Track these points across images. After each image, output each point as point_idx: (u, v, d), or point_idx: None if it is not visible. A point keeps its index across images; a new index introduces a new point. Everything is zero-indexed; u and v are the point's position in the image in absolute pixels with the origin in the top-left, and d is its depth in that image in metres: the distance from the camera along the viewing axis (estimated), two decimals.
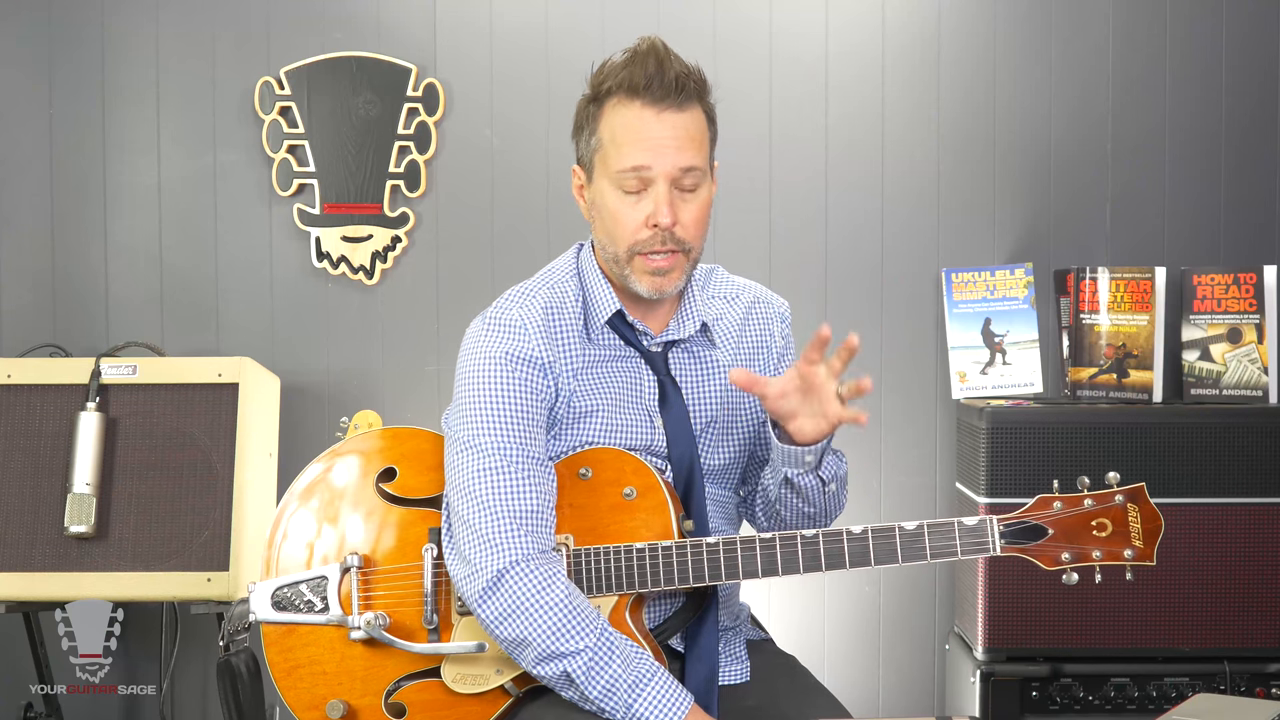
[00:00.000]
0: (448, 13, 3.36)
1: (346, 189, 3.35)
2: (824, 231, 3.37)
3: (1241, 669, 2.87)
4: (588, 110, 1.99)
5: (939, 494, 3.34)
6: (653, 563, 1.91)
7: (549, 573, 1.87)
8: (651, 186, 1.93)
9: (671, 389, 2.03)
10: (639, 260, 1.95)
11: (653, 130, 1.92)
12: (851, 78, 3.36)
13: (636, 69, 1.93)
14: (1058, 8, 3.35)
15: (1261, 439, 2.90)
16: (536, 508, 1.90)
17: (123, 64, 3.37)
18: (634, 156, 1.92)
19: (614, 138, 1.94)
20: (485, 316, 2.01)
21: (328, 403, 3.33)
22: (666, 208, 1.93)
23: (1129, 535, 1.90)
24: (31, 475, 2.97)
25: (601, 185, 1.97)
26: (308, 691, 1.99)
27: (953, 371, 3.29)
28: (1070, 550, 1.90)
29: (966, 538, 1.90)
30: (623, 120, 1.94)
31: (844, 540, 1.90)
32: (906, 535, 1.89)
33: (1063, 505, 1.91)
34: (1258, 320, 3.06)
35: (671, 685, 1.85)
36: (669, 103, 1.92)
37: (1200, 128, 3.34)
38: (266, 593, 2.02)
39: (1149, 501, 1.91)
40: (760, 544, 1.91)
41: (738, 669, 2.08)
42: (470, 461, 1.92)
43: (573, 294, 2.02)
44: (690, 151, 1.94)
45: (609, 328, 2.02)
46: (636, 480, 1.95)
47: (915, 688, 3.37)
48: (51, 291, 3.39)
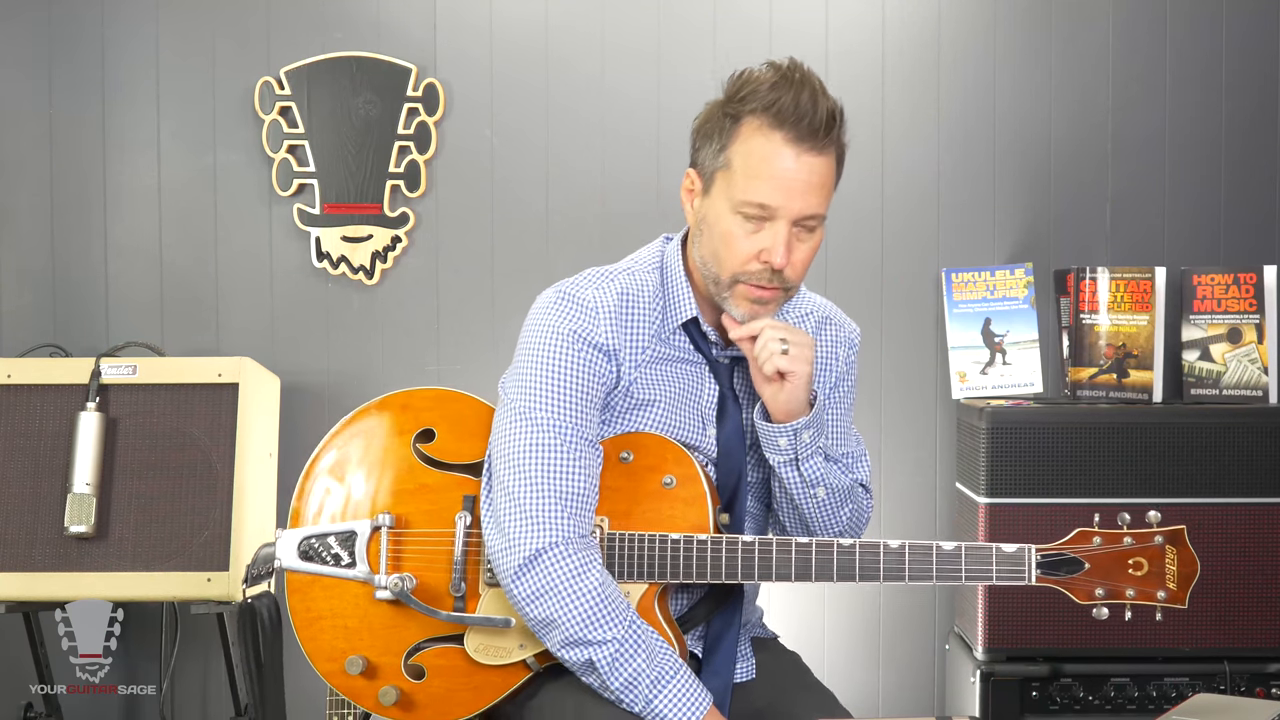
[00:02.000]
0: (448, 13, 3.36)
1: (346, 189, 3.35)
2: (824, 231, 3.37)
3: (1241, 669, 2.87)
4: (722, 122, 1.91)
5: (939, 494, 3.34)
6: (686, 554, 1.90)
7: (586, 558, 1.86)
8: (771, 223, 1.89)
9: (731, 402, 2.02)
10: (741, 288, 1.92)
11: (789, 171, 1.86)
12: (851, 78, 3.36)
13: (787, 97, 1.86)
14: (1058, 8, 3.35)
15: (1261, 439, 2.90)
16: (582, 490, 1.89)
17: (123, 64, 3.37)
18: (763, 194, 1.87)
19: (746, 166, 1.88)
20: (560, 289, 1.98)
21: (328, 403, 3.33)
22: (784, 251, 1.89)
23: (1164, 577, 1.89)
24: (31, 475, 2.97)
25: (720, 205, 1.91)
26: (328, 644, 1.98)
27: (953, 371, 3.29)
28: (1104, 586, 1.90)
29: (1003, 564, 1.89)
30: (760, 151, 1.87)
31: (880, 554, 1.89)
32: (943, 555, 1.89)
33: (1102, 541, 1.90)
34: (1258, 320, 3.06)
35: (692, 684, 1.85)
36: (811, 144, 1.87)
37: (1200, 128, 3.34)
38: (294, 541, 1.99)
39: (1188, 545, 1.90)
40: (796, 548, 1.90)
41: (744, 666, 2.08)
42: (523, 433, 1.90)
43: (652, 287, 1.99)
44: (817, 199, 1.89)
45: (682, 330, 2.01)
46: (677, 469, 1.94)
47: (915, 688, 3.37)
48: (51, 291, 3.39)
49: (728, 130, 1.90)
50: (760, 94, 1.87)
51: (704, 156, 1.93)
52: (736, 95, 1.90)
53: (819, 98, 1.87)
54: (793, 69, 1.90)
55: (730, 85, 1.93)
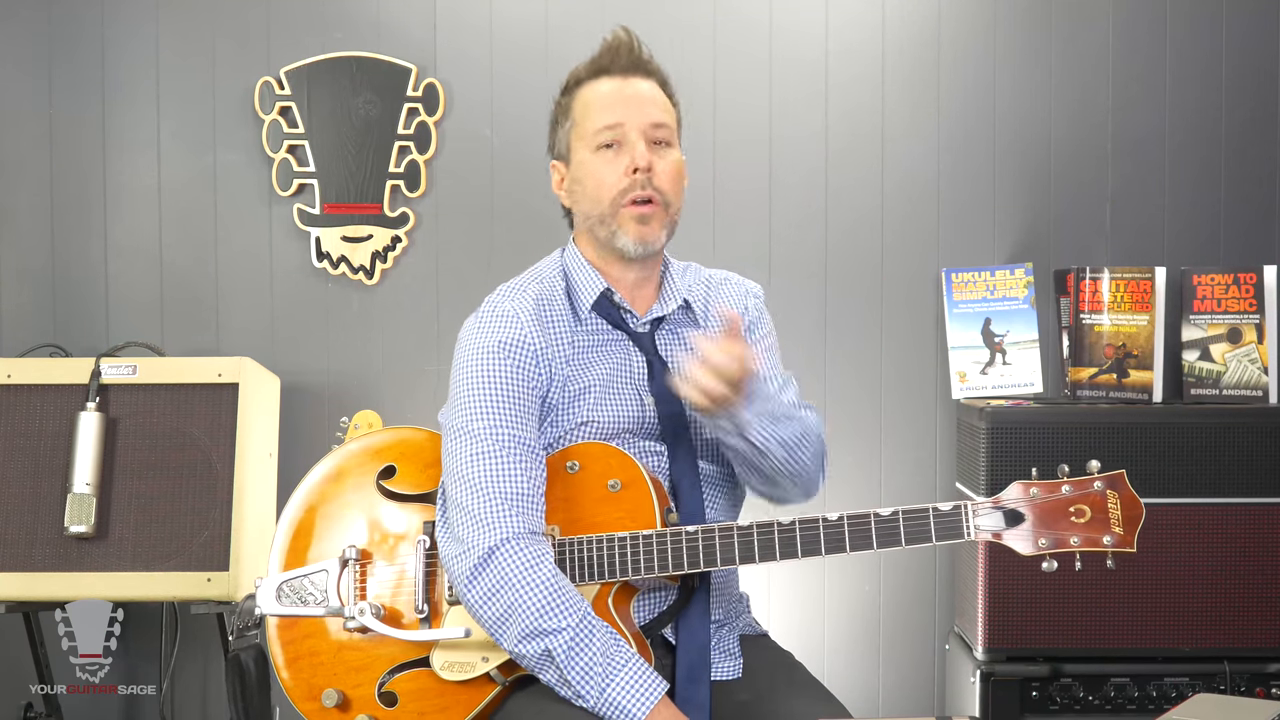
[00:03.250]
0: (448, 13, 3.36)
1: (346, 189, 3.35)
2: (824, 231, 3.37)
3: (1241, 669, 2.87)
4: (560, 105, 2.13)
5: (939, 494, 3.34)
6: (634, 551, 1.95)
7: (538, 552, 1.92)
8: (625, 143, 2.04)
9: (660, 368, 2.07)
10: (624, 212, 2.04)
11: (619, 92, 2.07)
12: (851, 78, 3.36)
13: (602, 55, 2.10)
14: (1058, 8, 3.35)
15: (1261, 439, 2.90)
16: (527, 491, 1.96)
17: (123, 64, 3.37)
18: (607, 116, 2.05)
19: (586, 110, 2.07)
20: (478, 313, 2.10)
21: (328, 403, 3.33)
22: (644, 153, 2.03)
23: (1108, 522, 1.88)
24: (31, 475, 2.97)
25: (580, 156, 2.07)
26: (306, 682, 2.04)
27: (953, 371, 3.29)
28: (1047, 536, 1.89)
29: (941, 523, 1.90)
30: (594, 93, 2.08)
31: (820, 527, 1.92)
32: (881, 521, 1.91)
33: (1040, 491, 1.90)
34: (1258, 320, 3.06)
35: (646, 671, 1.88)
36: (635, 73, 2.09)
37: (1200, 128, 3.34)
38: (272, 587, 2.07)
39: (1129, 488, 1.89)
40: (738, 532, 1.94)
41: (731, 665, 2.08)
42: (464, 447, 1.97)
43: (560, 286, 2.11)
44: (658, 110, 2.08)
45: (596, 313, 2.08)
46: (621, 473, 1.99)
47: (915, 688, 3.37)
48: (51, 291, 3.39)
49: (566, 106, 2.11)
50: (582, 67, 2.12)
51: (558, 143, 2.13)
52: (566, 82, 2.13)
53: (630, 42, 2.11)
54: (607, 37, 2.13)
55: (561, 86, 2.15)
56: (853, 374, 3.37)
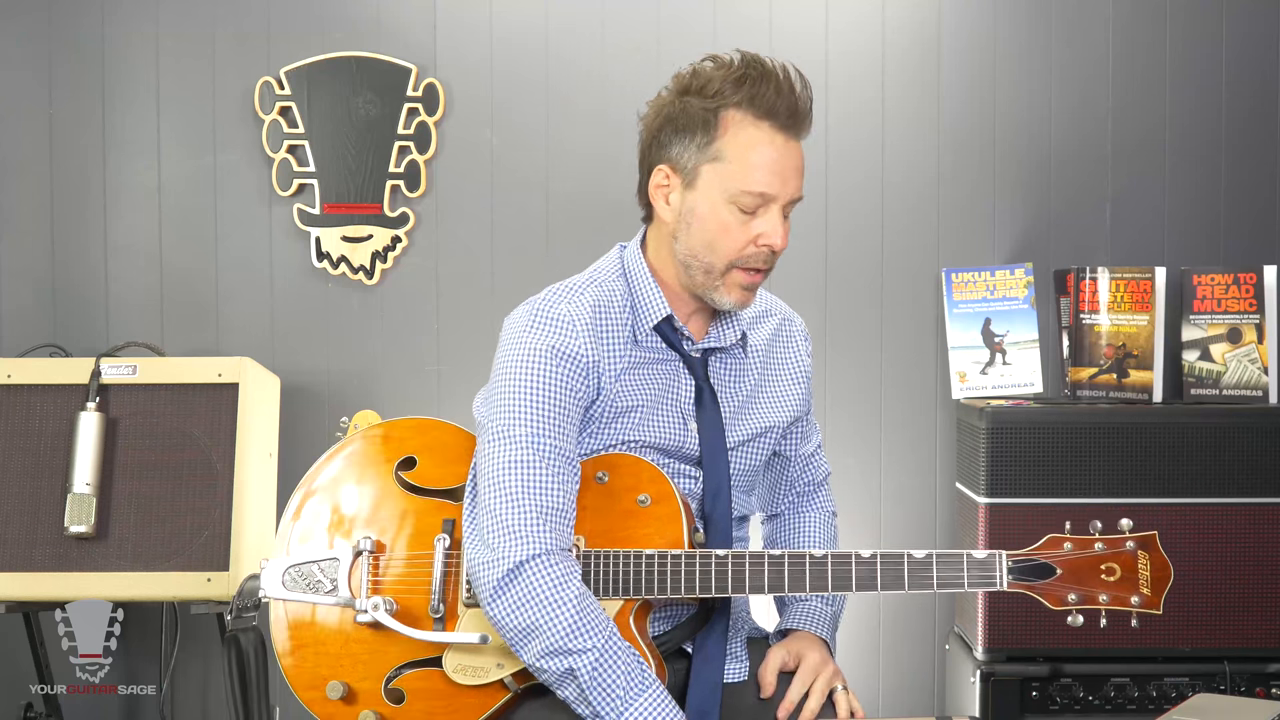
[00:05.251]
0: (448, 13, 3.36)
1: (346, 189, 3.35)
2: (824, 232, 3.37)
3: (1241, 669, 2.87)
4: (701, 116, 1.95)
5: (939, 494, 3.34)
6: (660, 570, 1.92)
7: (568, 569, 1.88)
8: (766, 209, 1.96)
9: (708, 395, 2.04)
10: (737, 274, 1.98)
11: (781, 159, 1.95)
12: (851, 78, 3.36)
13: (767, 90, 1.93)
14: (1058, 8, 3.35)
15: (1261, 439, 2.90)
16: (562, 505, 1.92)
17: (123, 64, 3.37)
18: (764, 183, 1.94)
19: (743, 158, 1.94)
20: (532, 308, 2.00)
21: (328, 403, 3.33)
22: (783, 234, 1.97)
23: (1137, 582, 1.90)
24: (31, 475, 2.97)
25: (712, 196, 1.95)
26: (310, 671, 2.00)
27: (953, 371, 3.29)
28: (1077, 592, 1.90)
29: (974, 571, 1.90)
30: (753, 142, 1.94)
31: (852, 564, 1.91)
32: (915, 564, 1.91)
33: (1073, 546, 1.91)
34: (1258, 320, 3.06)
35: (665, 700, 1.86)
36: (795, 131, 1.96)
37: (1200, 128, 3.34)
38: (278, 571, 2.02)
39: (1160, 550, 1.91)
40: (769, 561, 1.92)
41: (737, 667, 2.09)
42: (503, 452, 1.92)
43: (620, 295, 2.03)
44: (801, 181, 1.99)
45: (654, 331, 2.03)
46: (652, 488, 1.96)
47: (915, 688, 3.37)
48: (51, 291, 3.39)
49: (710, 124, 1.94)
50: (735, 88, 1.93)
51: (680, 152, 1.97)
52: (703, 90, 1.95)
53: (799, 91, 1.95)
54: (751, 60, 1.95)
55: (686, 81, 1.98)
56: (853, 374, 3.37)
